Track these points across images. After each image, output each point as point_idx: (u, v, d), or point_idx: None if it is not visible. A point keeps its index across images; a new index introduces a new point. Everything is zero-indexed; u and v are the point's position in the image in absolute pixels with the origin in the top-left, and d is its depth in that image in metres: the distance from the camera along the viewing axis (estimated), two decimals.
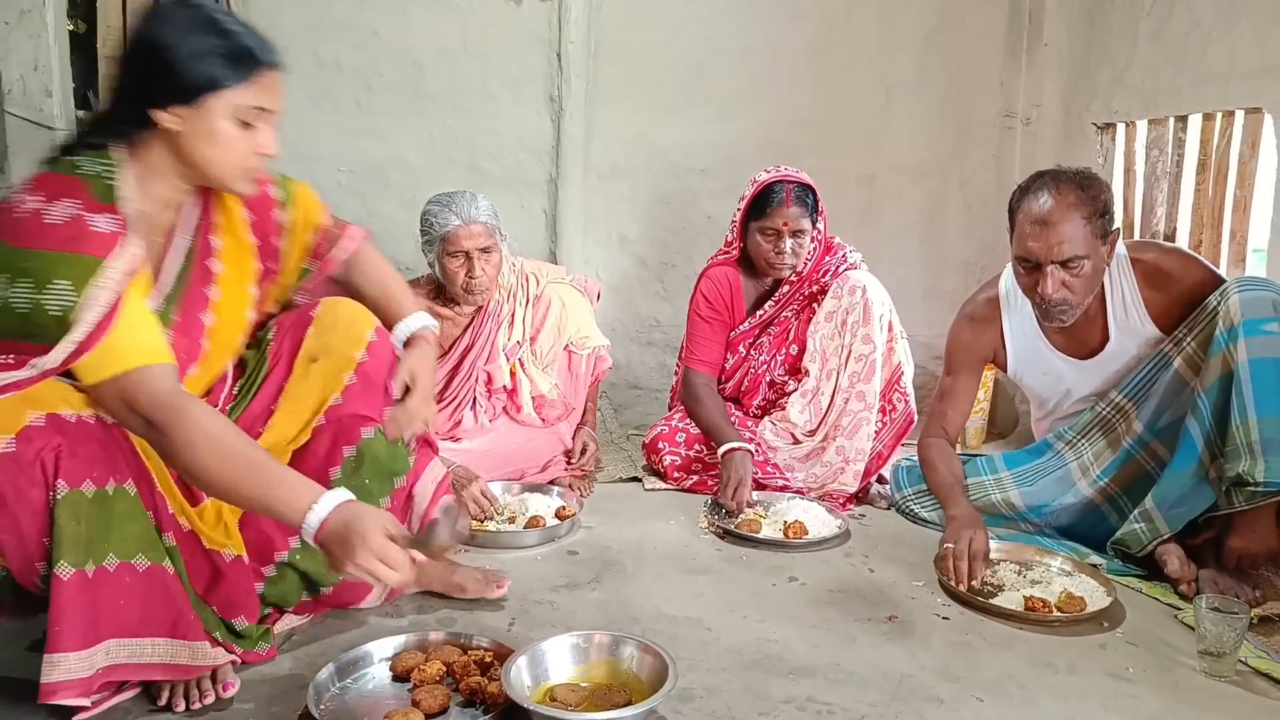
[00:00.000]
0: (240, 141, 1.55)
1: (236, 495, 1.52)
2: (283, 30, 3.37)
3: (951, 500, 2.40)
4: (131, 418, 1.47)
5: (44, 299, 1.39)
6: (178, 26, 1.49)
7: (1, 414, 1.40)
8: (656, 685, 1.58)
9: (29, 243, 1.41)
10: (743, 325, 2.99)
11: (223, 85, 1.50)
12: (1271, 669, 1.80)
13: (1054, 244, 2.17)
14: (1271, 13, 2.65)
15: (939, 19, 3.72)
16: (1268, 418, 1.99)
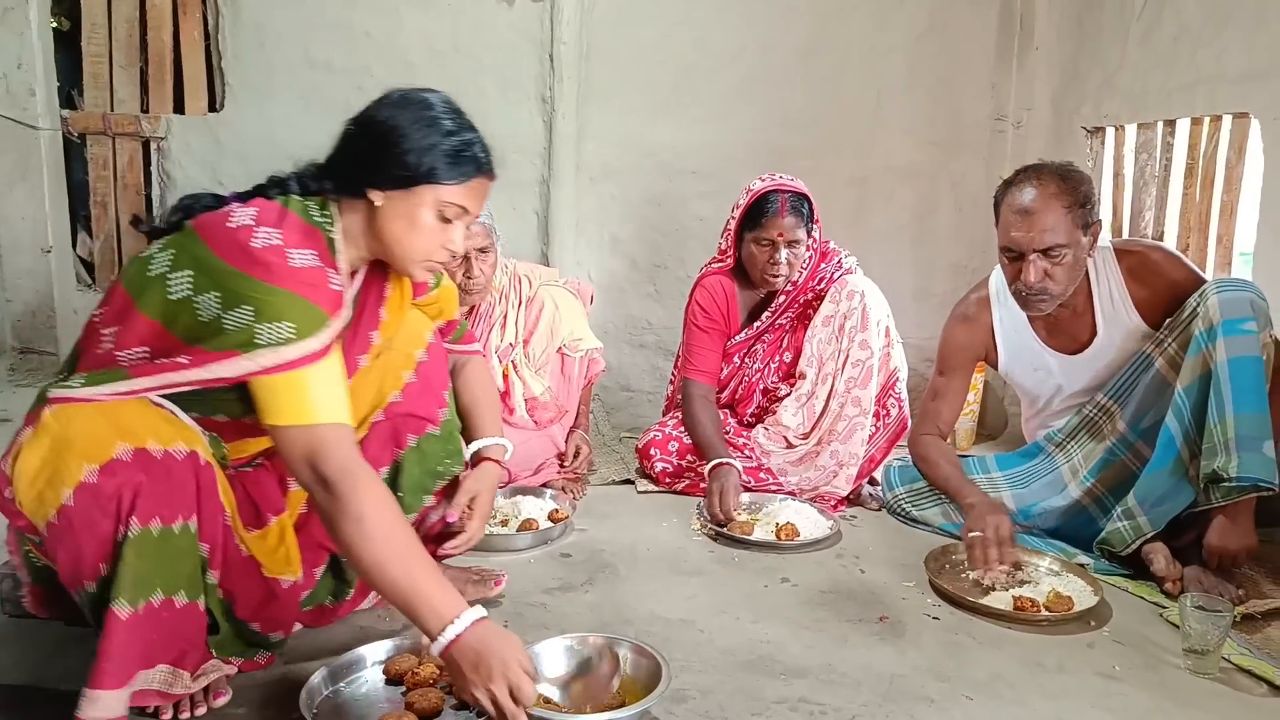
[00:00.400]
0: (435, 233, 1.64)
1: (383, 578, 1.48)
2: (273, 29, 3.39)
3: (964, 490, 2.42)
4: (306, 471, 1.49)
5: (259, 329, 1.43)
6: (415, 117, 1.60)
7: (93, 440, 1.41)
8: (650, 686, 1.60)
9: (269, 277, 1.45)
10: (739, 336, 2.97)
11: (438, 181, 1.59)
12: (1255, 666, 1.83)
13: (1036, 233, 2.22)
14: (1258, 18, 2.67)
15: (930, 21, 3.74)
16: (1245, 415, 2.03)
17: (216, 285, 1.46)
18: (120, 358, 1.52)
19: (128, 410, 1.46)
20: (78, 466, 1.38)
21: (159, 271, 1.52)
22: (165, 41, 3.41)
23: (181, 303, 1.48)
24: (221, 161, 3.43)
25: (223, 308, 1.45)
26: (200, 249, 1.50)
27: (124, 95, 3.40)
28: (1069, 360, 2.47)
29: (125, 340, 1.52)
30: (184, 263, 1.50)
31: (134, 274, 1.55)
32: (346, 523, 1.47)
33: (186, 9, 3.41)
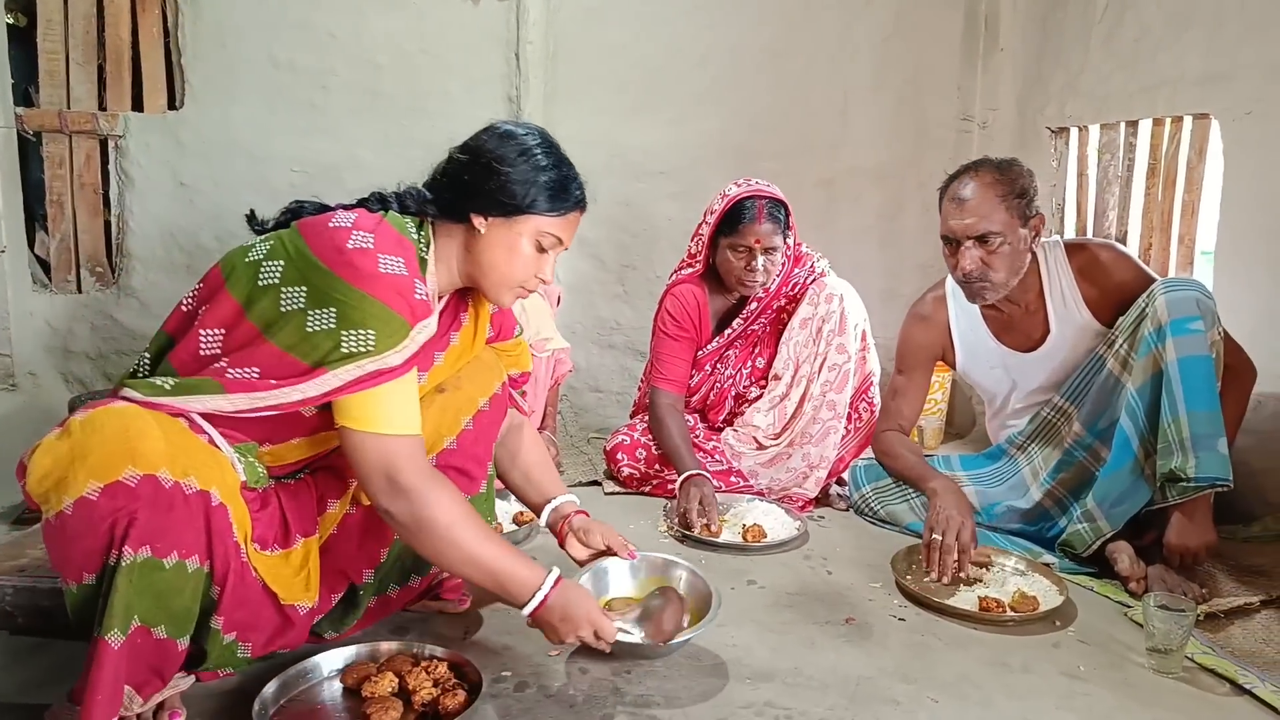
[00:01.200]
0: (531, 261, 1.73)
1: (467, 573, 1.64)
2: (236, 29, 3.34)
3: (925, 474, 2.42)
4: (380, 479, 1.56)
5: (343, 334, 1.50)
6: (522, 150, 1.68)
7: (105, 457, 1.40)
8: (702, 608, 1.86)
9: (357, 280, 1.51)
10: (710, 344, 2.95)
11: (539, 211, 1.69)
12: (1218, 665, 1.83)
13: (968, 220, 2.26)
14: (1217, 20, 2.70)
15: (896, 23, 3.75)
16: (1197, 413, 2.05)
17: (305, 280, 1.53)
18: (203, 341, 1.56)
19: (155, 431, 1.44)
20: (84, 479, 1.38)
21: (255, 257, 1.59)
22: (124, 38, 3.34)
23: (267, 289, 1.54)
24: (182, 161, 3.37)
25: (307, 304, 1.51)
26: (298, 241, 1.57)
27: (81, 93, 3.33)
28: (1023, 358, 2.49)
29: (209, 319, 1.57)
30: (279, 253, 1.57)
31: (232, 257, 1.62)
32: (426, 532, 1.58)
33: (145, 6, 3.34)
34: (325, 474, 1.81)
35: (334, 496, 1.80)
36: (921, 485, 2.42)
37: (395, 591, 1.91)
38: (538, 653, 1.86)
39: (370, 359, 1.51)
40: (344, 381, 1.51)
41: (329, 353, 1.50)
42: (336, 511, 1.80)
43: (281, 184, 3.43)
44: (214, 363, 1.56)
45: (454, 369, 1.91)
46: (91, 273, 3.44)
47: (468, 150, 1.73)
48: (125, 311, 3.42)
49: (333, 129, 3.44)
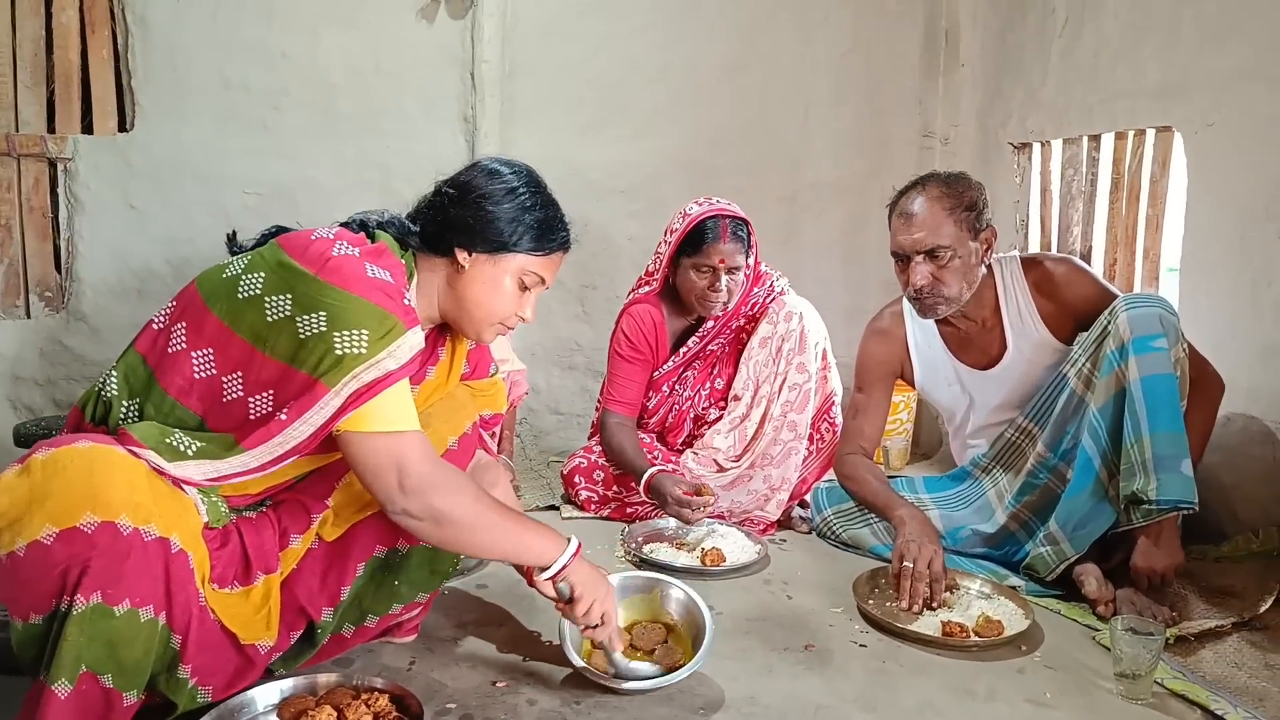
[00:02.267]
0: (513, 299, 1.74)
1: (487, 554, 1.79)
2: (186, 50, 3.27)
3: (891, 502, 2.36)
4: (390, 479, 1.54)
5: (336, 336, 1.47)
6: (508, 189, 1.70)
7: (64, 501, 1.35)
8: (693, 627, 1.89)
9: (344, 284, 1.49)
10: (666, 365, 2.90)
11: (524, 250, 1.70)
12: (1188, 690, 1.78)
13: (916, 235, 2.24)
14: (1173, 32, 2.69)
15: (854, 38, 3.73)
16: (1160, 434, 2.00)
17: (289, 288, 1.50)
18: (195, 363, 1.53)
19: (119, 476, 1.39)
20: (40, 523, 1.34)
21: (233, 273, 1.56)
22: (73, 61, 3.26)
23: (249, 301, 1.51)
24: (132, 183, 3.29)
25: (295, 311, 1.48)
26: (278, 254, 1.54)
27: (29, 115, 3.24)
28: (981, 375, 2.45)
29: (195, 340, 1.53)
30: (259, 266, 1.54)
31: (209, 275, 1.60)
32: (446, 525, 1.58)
33: (95, 28, 3.27)
34: (289, 506, 1.74)
35: (297, 530, 1.73)
36: (887, 514, 2.36)
37: (350, 631, 1.84)
38: (484, 684, 1.80)
39: (365, 365, 1.48)
40: (345, 399, 1.48)
41: (323, 357, 1.47)
42: (299, 547, 1.74)
43: (234, 206, 3.35)
44: (214, 385, 1.52)
45: (426, 404, 1.86)
46: (40, 298, 3.35)
47: (455, 185, 1.73)
48: (75, 337, 3.33)
49: (286, 150, 3.37)
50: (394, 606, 1.85)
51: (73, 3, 3.25)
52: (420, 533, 1.60)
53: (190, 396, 1.54)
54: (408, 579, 1.85)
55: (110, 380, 1.58)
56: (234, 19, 3.28)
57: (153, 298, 3.35)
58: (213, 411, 1.54)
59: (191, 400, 1.54)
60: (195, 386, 1.54)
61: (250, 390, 1.52)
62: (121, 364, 1.59)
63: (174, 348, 1.55)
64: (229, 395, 1.53)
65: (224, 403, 1.53)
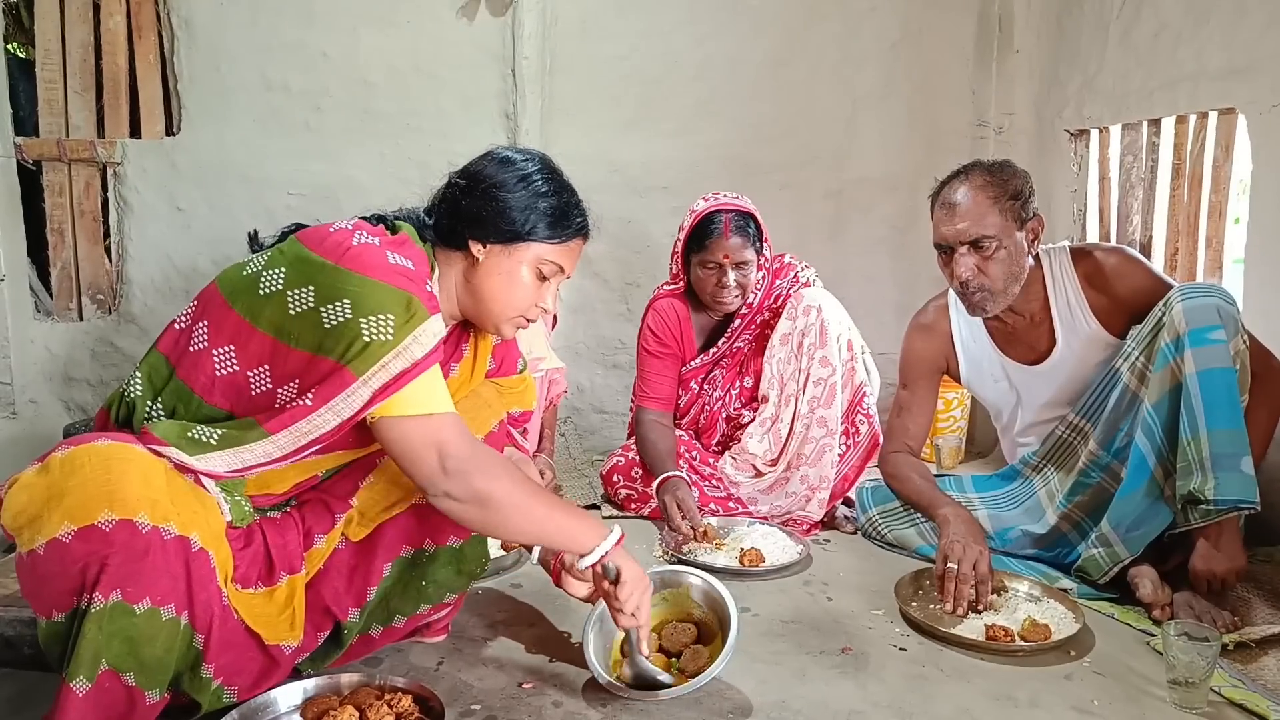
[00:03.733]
0: (531, 290, 1.70)
1: (528, 539, 1.73)
2: (228, 52, 3.31)
3: (935, 501, 2.29)
4: (431, 461, 1.52)
5: (363, 322, 1.44)
6: (521, 176, 1.66)
7: (82, 499, 1.35)
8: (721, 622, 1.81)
9: (366, 270, 1.47)
10: (694, 361, 2.85)
11: (539, 239, 1.66)
12: (1247, 699, 1.68)
13: (959, 225, 2.15)
14: (1238, 10, 2.56)
15: (904, 28, 3.64)
16: (1219, 431, 1.90)
17: (310, 280, 1.48)
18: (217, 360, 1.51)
19: (136, 474, 1.39)
20: (58, 521, 1.34)
21: (252, 270, 1.54)
22: (121, 66, 3.33)
23: (270, 296, 1.49)
24: (178, 185, 3.34)
25: (318, 301, 1.46)
26: (297, 248, 1.53)
27: (79, 121, 3.32)
28: (1028, 371, 2.35)
29: (216, 337, 1.52)
30: (278, 261, 1.53)
31: (228, 274, 1.58)
32: (488, 507, 1.56)
33: (142, 33, 3.34)
34: (312, 506, 1.73)
35: (321, 530, 1.71)
36: (931, 512, 2.28)
37: (378, 631, 1.83)
38: (510, 685, 1.77)
39: (393, 353, 1.46)
40: (374, 390, 1.47)
41: (350, 343, 1.45)
42: (324, 547, 1.72)
43: (278, 207, 3.38)
44: (238, 380, 1.52)
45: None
46: (92, 300, 3.42)
47: (466, 176, 1.69)
48: (125, 338, 3.39)
49: (327, 150, 3.40)
50: (422, 607, 1.83)
51: (120, 9, 3.32)
52: (462, 516, 1.58)
53: (214, 394, 1.53)
54: (435, 579, 1.83)
55: (134, 381, 1.58)
56: (275, 21, 3.32)
57: None
58: (240, 406, 1.54)
59: (216, 397, 1.53)
60: (218, 383, 1.53)
61: (278, 382, 1.51)
62: (144, 365, 1.59)
63: (195, 346, 1.54)
64: (257, 389, 1.52)
65: (252, 396, 1.53)
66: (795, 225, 3.57)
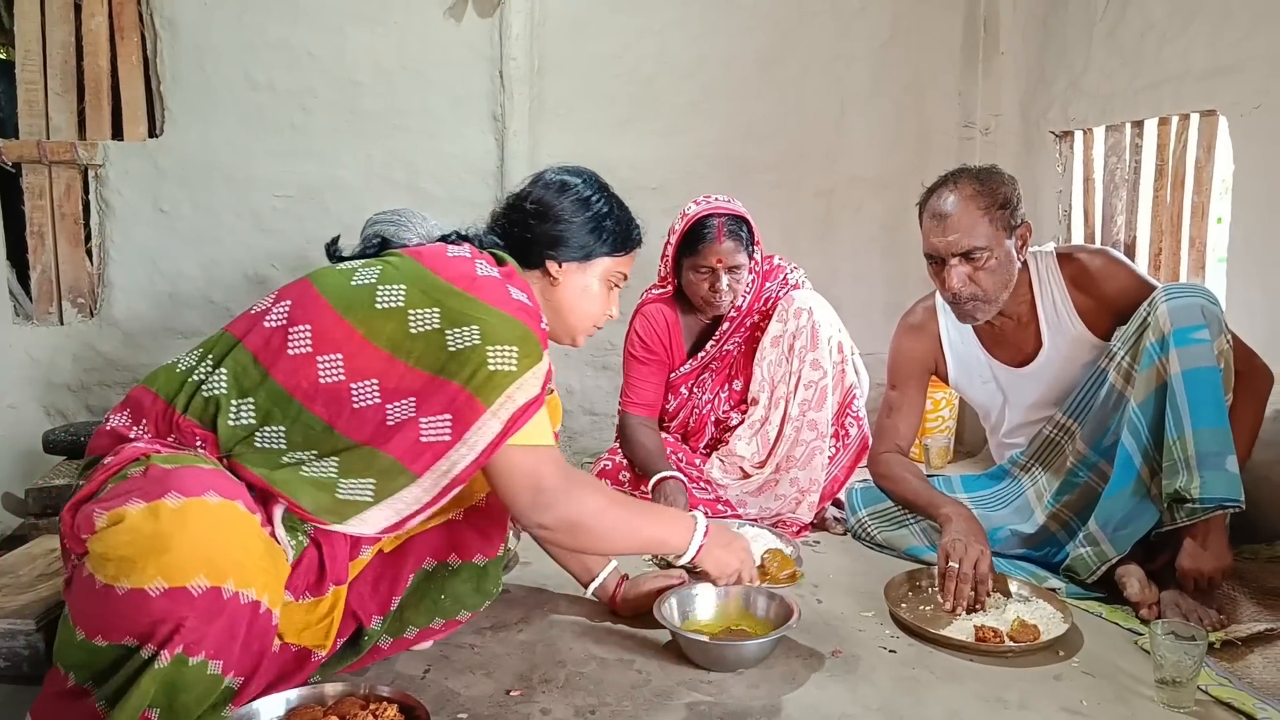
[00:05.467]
0: (603, 300, 1.86)
1: (627, 545, 1.83)
2: (214, 52, 3.28)
3: (935, 500, 2.27)
4: (527, 493, 1.60)
5: (489, 350, 1.51)
6: (581, 200, 1.81)
7: (181, 558, 1.33)
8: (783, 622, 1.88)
9: (493, 301, 1.56)
10: (684, 367, 2.83)
11: (610, 253, 1.82)
12: (1234, 698, 1.68)
13: (951, 236, 2.14)
14: (1223, 11, 2.58)
15: (893, 29, 3.65)
16: (1204, 430, 1.91)
17: (436, 303, 1.54)
18: (321, 368, 1.53)
19: (238, 542, 1.39)
20: (152, 574, 1.32)
21: (365, 281, 1.58)
22: (103, 67, 3.29)
23: (390, 312, 1.54)
24: (162, 187, 3.31)
25: (444, 324, 1.52)
26: (417, 268, 1.60)
27: (60, 122, 3.28)
28: (1015, 373, 2.36)
29: (322, 343, 1.54)
30: (394, 278, 1.58)
31: (331, 279, 1.61)
32: (582, 532, 1.66)
33: (124, 33, 3.30)
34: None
35: (368, 541, 1.72)
36: (932, 512, 2.26)
37: (388, 643, 1.83)
38: (498, 692, 1.75)
39: (516, 384, 1.52)
40: (504, 422, 1.53)
41: (476, 370, 1.50)
42: (368, 556, 1.76)
43: (264, 208, 3.36)
44: (341, 390, 1.53)
45: None
46: (73, 304, 3.38)
47: (530, 202, 1.80)
48: (107, 342, 3.36)
49: (314, 150, 3.37)
50: (435, 620, 1.85)
51: (102, 9, 3.28)
52: (555, 541, 1.72)
53: (316, 402, 1.53)
54: (453, 594, 1.84)
55: (216, 378, 1.56)
56: (260, 20, 3.28)
57: (184, 301, 3.37)
58: (339, 418, 1.54)
59: (317, 406, 1.53)
60: (320, 392, 1.53)
61: (388, 397, 1.53)
62: (230, 361, 1.57)
63: (296, 349, 1.54)
64: (360, 402, 1.52)
65: (354, 409, 1.53)
66: (786, 225, 3.57)
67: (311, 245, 3.39)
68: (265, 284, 3.40)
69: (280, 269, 3.40)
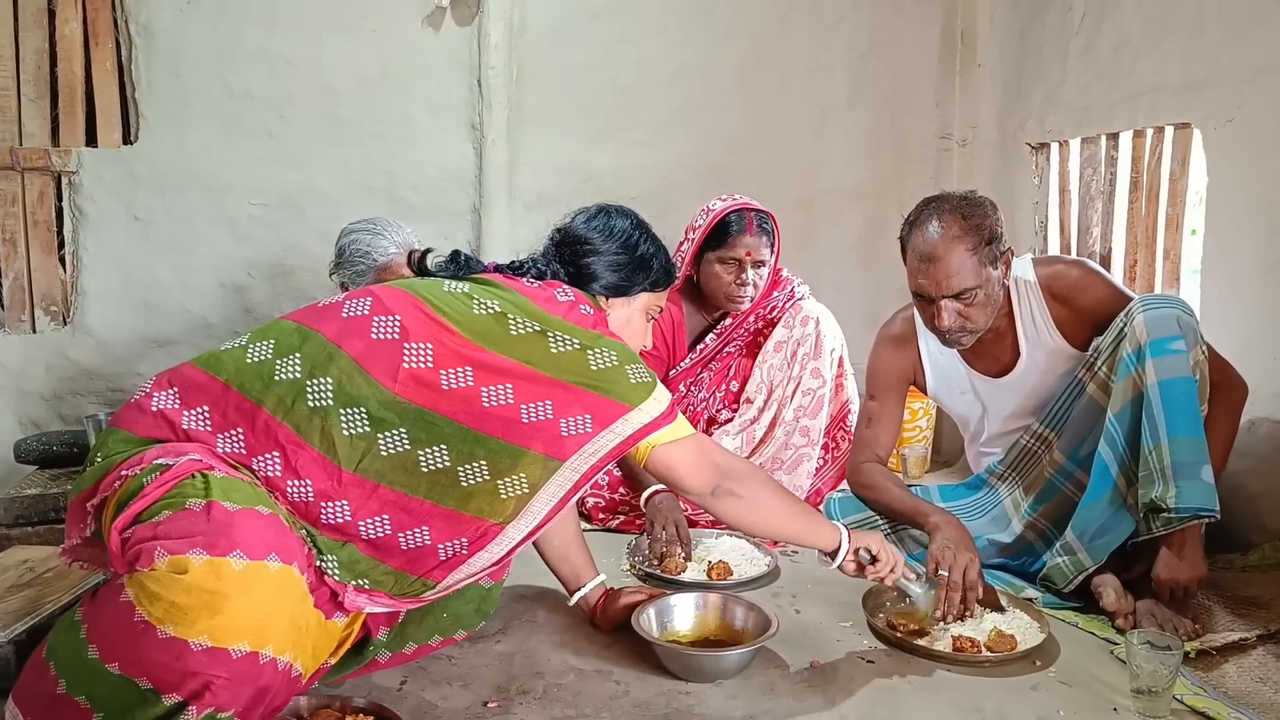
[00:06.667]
0: (643, 330, 1.98)
1: (782, 536, 2.04)
2: (190, 59, 3.26)
3: (920, 509, 2.26)
4: (709, 471, 1.77)
5: (629, 369, 1.68)
6: (627, 240, 1.90)
7: (232, 620, 1.32)
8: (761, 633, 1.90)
9: (608, 332, 1.75)
10: (684, 363, 2.85)
11: (650, 290, 1.94)
12: (1209, 707, 1.70)
13: (942, 279, 2.13)
14: (1196, 26, 2.60)
15: (871, 40, 3.67)
16: (1179, 440, 1.92)
17: (568, 331, 1.67)
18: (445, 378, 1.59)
19: (287, 612, 1.39)
20: (201, 629, 1.30)
21: (488, 310, 1.67)
22: (77, 73, 3.26)
23: (526, 337, 1.65)
24: (137, 194, 3.27)
25: (583, 346, 1.66)
26: (529, 305, 1.70)
27: (33, 129, 3.24)
28: (995, 383, 2.37)
29: (444, 358, 1.61)
30: (518, 311, 1.68)
31: (443, 300, 1.68)
32: (747, 509, 1.80)
33: (99, 39, 3.27)
34: None
35: None
36: (919, 520, 2.25)
37: (386, 657, 1.81)
38: (475, 704, 1.75)
39: (660, 392, 1.71)
40: (653, 417, 1.69)
41: (617, 381, 1.66)
42: None
43: (240, 215, 3.33)
44: (471, 394, 1.59)
45: None
46: (46, 312, 3.34)
47: (578, 239, 1.89)
48: (80, 350, 3.31)
49: (291, 158, 3.35)
50: (435, 637, 1.85)
51: (76, 15, 3.25)
52: (733, 511, 1.79)
53: (443, 403, 1.59)
54: (455, 613, 1.85)
55: (318, 385, 1.56)
56: (237, 26, 3.26)
57: (158, 309, 3.34)
58: (470, 416, 1.59)
59: (445, 405, 1.59)
60: (446, 396, 1.59)
61: (521, 399, 1.61)
62: (332, 369, 1.58)
63: (415, 364, 1.59)
64: (491, 401, 1.59)
65: (484, 408, 1.59)
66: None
67: (289, 253, 3.37)
68: (241, 292, 3.38)
69: (256, 277, 3.37)
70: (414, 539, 1.58)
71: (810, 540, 1.90)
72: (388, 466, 1.55)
